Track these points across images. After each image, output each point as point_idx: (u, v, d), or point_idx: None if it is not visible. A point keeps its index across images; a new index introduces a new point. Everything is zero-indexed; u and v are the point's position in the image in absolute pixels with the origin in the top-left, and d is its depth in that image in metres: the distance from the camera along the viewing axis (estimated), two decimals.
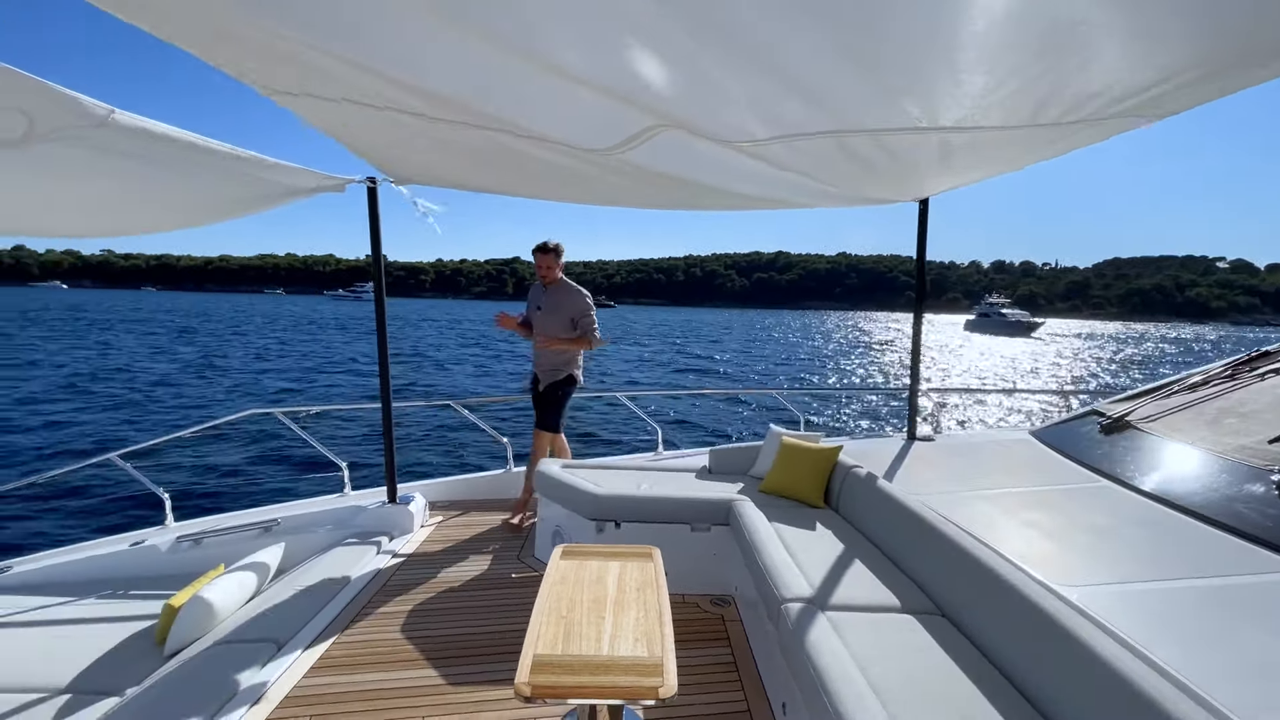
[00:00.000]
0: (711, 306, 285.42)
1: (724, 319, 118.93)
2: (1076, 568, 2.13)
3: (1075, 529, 2.42)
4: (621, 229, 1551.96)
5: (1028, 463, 3.21)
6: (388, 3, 1.37)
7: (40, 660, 2.56)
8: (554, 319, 4.06)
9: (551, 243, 4.05)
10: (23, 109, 1.66)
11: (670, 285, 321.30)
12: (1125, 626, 1.70)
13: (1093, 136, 2.06)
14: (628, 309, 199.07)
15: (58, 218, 2.53)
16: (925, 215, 3.69)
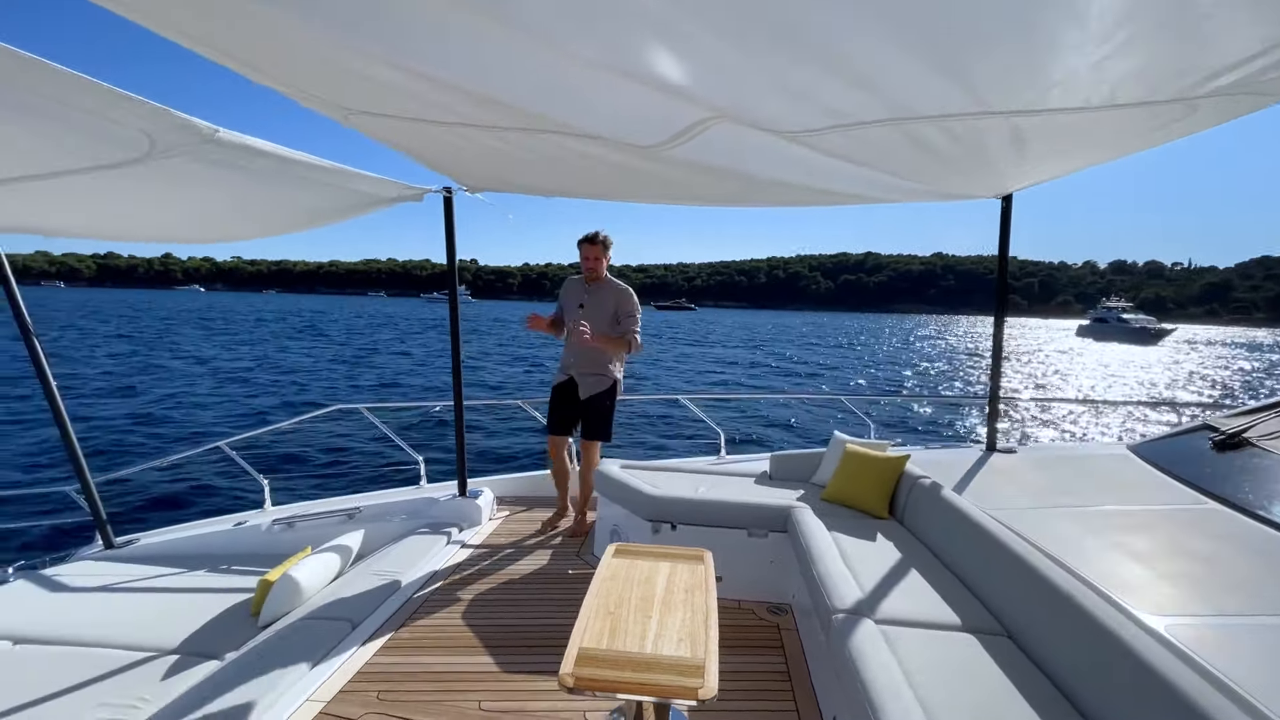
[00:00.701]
0: (794, 309, 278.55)
1: (807, 322, 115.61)
2: (1170, 596, 1.94)
3: (1173, 553, 2.20)
4: (702, 230, 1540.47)
5: (1123, 480, 2.94)
6: (447, 15, 1.42)
7: (156, 623, 2.88)
8: (598, 317, 3.75)
9: (601, 234, 3.77)
10: (146, 130, 1.89)
11: (752, 288, 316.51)
12: (1220, 662, 1.53)
13: (1195, 123, 1.86)
14: (708, 311, 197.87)
15: (173, 226, 2.88)
16: (1008, 213, 3.45)
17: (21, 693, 2.36)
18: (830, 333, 75.88)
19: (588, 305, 3.79)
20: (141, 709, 2.28)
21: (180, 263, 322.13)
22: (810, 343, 54.19)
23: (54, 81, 1.45)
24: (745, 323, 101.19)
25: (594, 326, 3.65)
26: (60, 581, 3.26)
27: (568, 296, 3.91)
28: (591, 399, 3.82)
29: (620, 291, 3.82)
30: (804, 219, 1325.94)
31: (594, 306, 3.79)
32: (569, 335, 3.81)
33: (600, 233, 3.77)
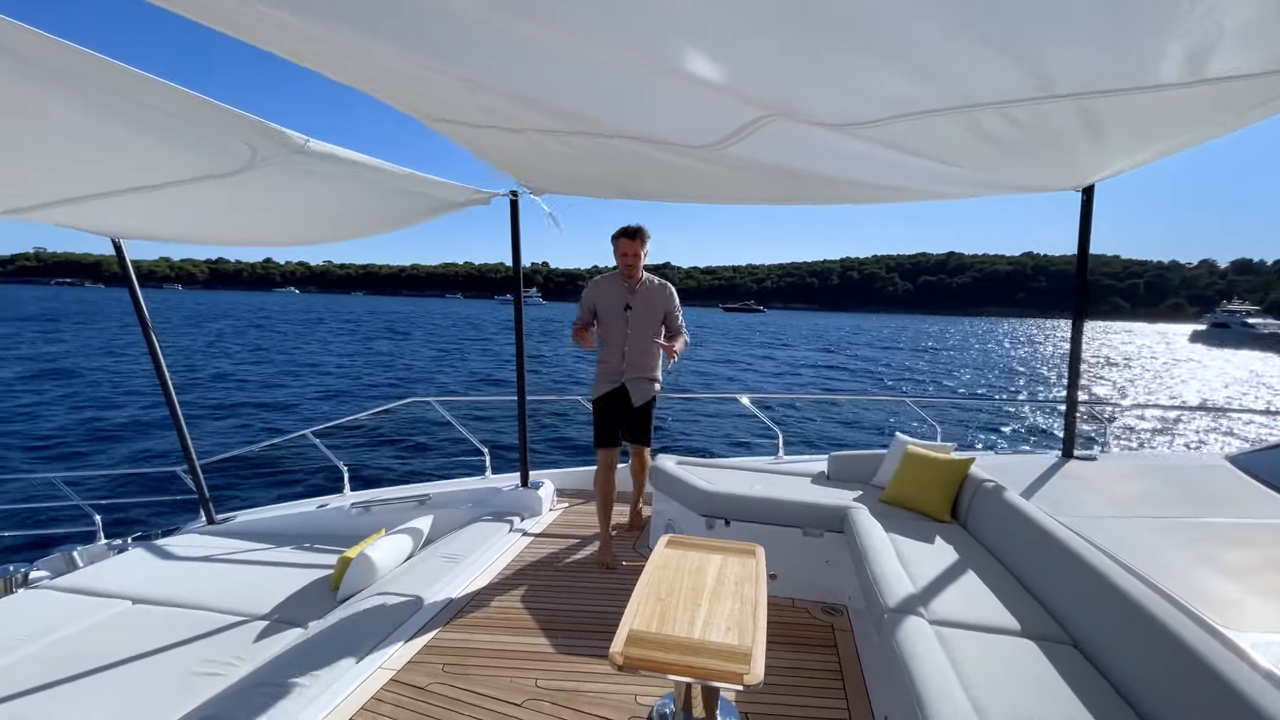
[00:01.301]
0: (869, 311, 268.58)
1: (883, 325, 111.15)
2: (1261, 612, 1.80)
3: (1269, 569, 2.03)
4: (771, 231, 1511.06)
5: (1218, 492, 2.72)
6: (503, 24, 1.49)
7: (248, 592, 3.18)
8: (649, 320, 3.52)
9: (642, 227, 3.48)
10: (248, 142, 2.10)
11: (824, 289, 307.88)
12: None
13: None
14: (777, 314, 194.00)
15: (267, 231, 3.18)
16: (1089, 206, 3.26)
17: (140, 644, 2.68)
18: (911, 336, 72.47)
19: (636, 307, 3.50)
20: (238, 667, 2.53)
21: (279, 266, 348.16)
22: (887, 346, 52.14)
23: (168, 96, 1.63)
24: (817, 325, 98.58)
25: (645, 330, 3.49)
26: (170, 551, 3.66)
27: (605, 299, 3.55)
28: (644, 405, 3.62)
29: (665, 289, 3.60)
30: (880, 218, 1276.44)
31: (642, 308, 3.51)
32: (609, 341, 3.54)
33: (642, 226, 3.49)
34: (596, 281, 3.62)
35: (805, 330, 77.68)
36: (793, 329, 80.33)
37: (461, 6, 1.38)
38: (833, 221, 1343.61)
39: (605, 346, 3.58)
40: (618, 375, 3.55)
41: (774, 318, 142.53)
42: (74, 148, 1.95)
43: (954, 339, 71.17)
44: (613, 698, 2.37)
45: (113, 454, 11.13)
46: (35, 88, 1.50)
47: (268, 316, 64.59)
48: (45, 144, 1.90)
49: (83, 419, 13.85)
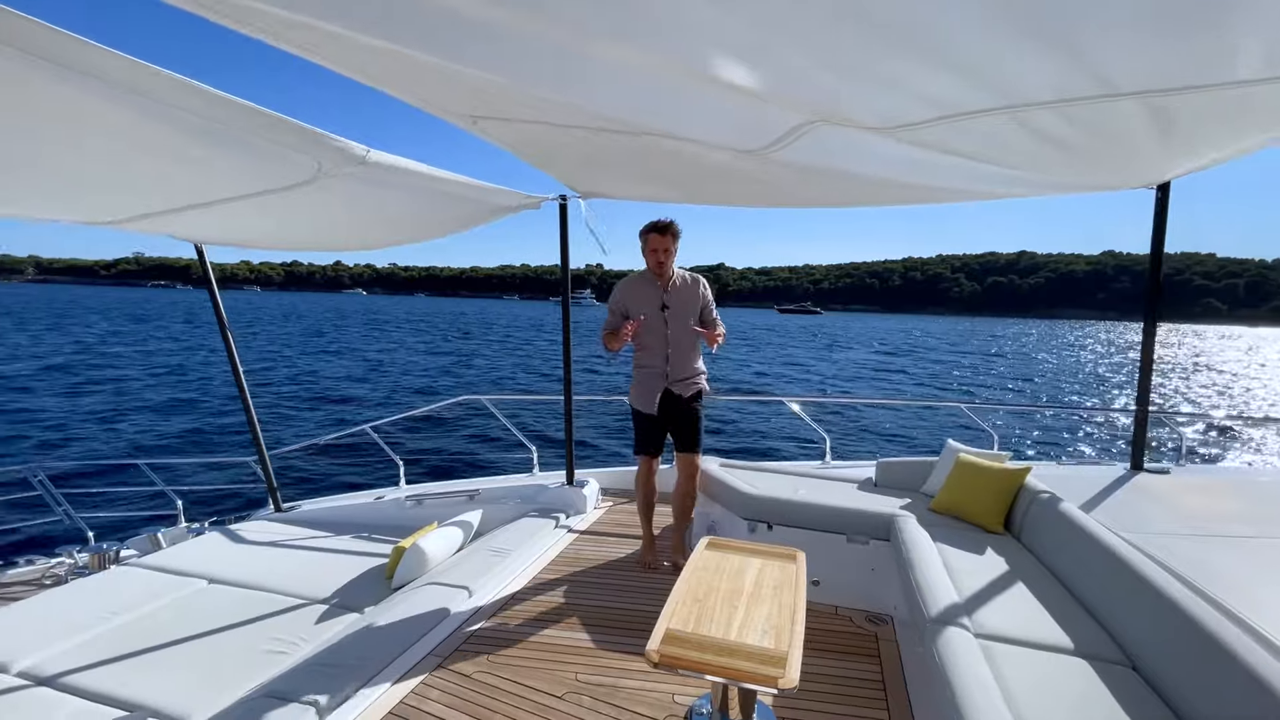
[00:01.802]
0: (932, 314, 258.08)
1: (949, 328, 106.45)
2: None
3: None
4: (829, 231, 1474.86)
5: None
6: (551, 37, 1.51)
7: (311, 577, 3.38)
8: (687, 318, 3.35)
9: (674, 222, 3.29)
10: (315, 156, 2.25)
11: (885, 291, 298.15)
12: None
13: None
14: (835, 316, 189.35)
15: (332, 237, 3.39)
16: (1165, 204, 3.07)
17: (213, 621, 2.90)
18: (981, 340, 68.89)
19: (673, 306, 3.32)
20: (300, 646, 2.70)
21: (348, 269, 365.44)
22: (959, 350, 49.97)
23: (241, 114, 1.78)
24: (877, 327, 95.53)
25: (684, 329, 3.33)
26: (241, 535, 3.93)
27: (637, 300, 3.35)
28: (691, 407, 3.42)
29: (698, 284, 3.43)
30: (946, 216, 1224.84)
31: (680, 307, 3.34)
32: (648, 344, 3.37)
33: (671, 221, 3.29)
34: (625, 282, 3.45)
35: (864, 332, 75.46)
36: (850, 331, 78.20)
37: (519, 24, 1.44)
38: (894, 221, 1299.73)
39: (643, 351, 3.40)
40: (661, 380, 3.39)
41: (831, 320, 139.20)
42: (162, 165, 2.15)
43: (1028, 342, 67.43)
44: (651, 695, 2.40)
45: (200, 443, 12.04)
46: (129, 113, 1.67)
47: (343, 316, 68.08)
48: (139, 163, 2.10)
49: (174, 410, 15.04)
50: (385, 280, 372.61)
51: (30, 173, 2.10)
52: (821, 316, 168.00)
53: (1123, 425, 14.82)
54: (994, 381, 29.74)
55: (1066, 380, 32.37)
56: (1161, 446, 8.07)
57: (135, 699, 2.33)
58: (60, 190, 2.35)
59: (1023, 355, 49.06)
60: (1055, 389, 28.28)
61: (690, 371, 3.43)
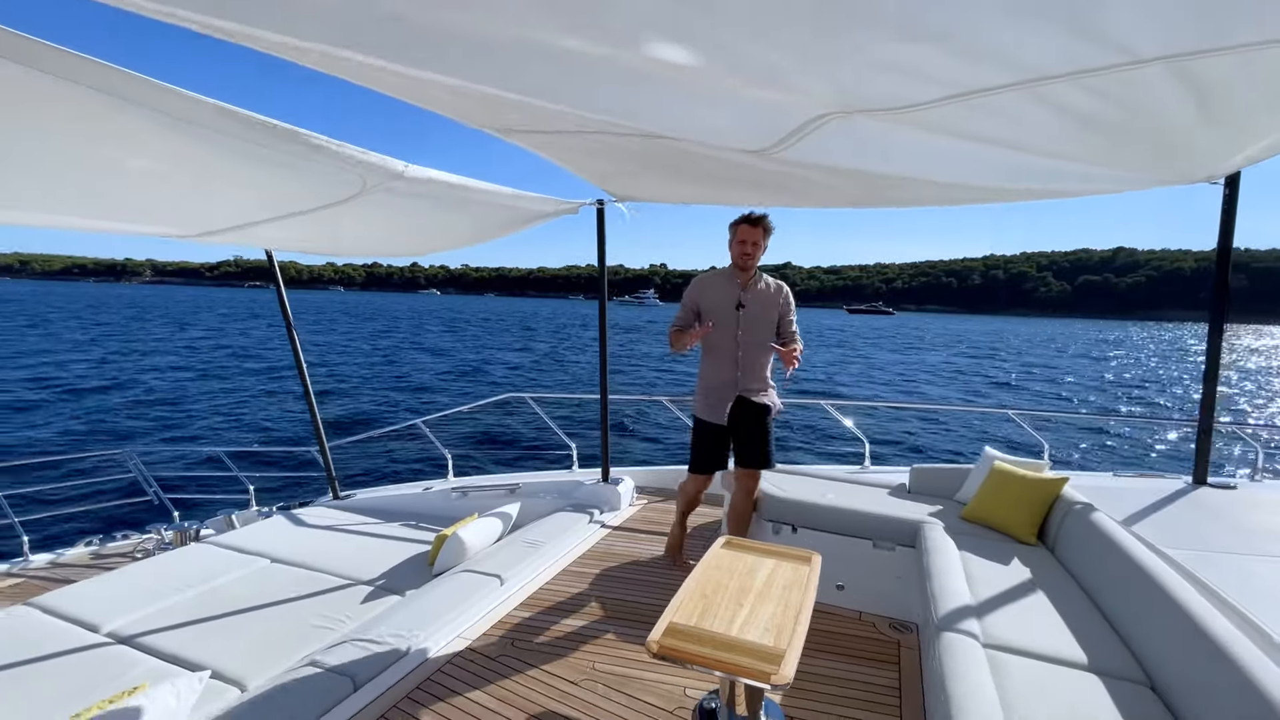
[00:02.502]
0: (1016, 315, 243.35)
1: (1037, 330, 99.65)
2: None
3: None
4: (904, 227, 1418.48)
5: None
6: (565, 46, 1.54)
7: (359, 560, 3.63)
8: (764, 322, 3.10)
9: (769, 218, 3.05)
10: (359, 172, 2.46)
11: (963, 290, 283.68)
12: None
13: None
14: (909, 316, 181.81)
15: (382, 244, 3.64)
16: (1233, 199, 2.86)
17: (272, 596, 3.18)
18: (1080, 344, 63.91)
19: (749, 307, 3.06)
20: (346, 624, 2.92)
21: (424, 270, 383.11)
22: (1053, 353, 46.88)
23: (300, 142, 1.99)
24: (954, 329, 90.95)
25: (759, 334, 3.08)
26: (302, 520, 4.27)
27: (711, 297, 3.13)
28: (762, 421, 3.13)
29: (782, 291, 3.15)
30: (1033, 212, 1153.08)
31: (757, 310, 3.07)
32: (717, 345, 3.12)
33: (765, 214, 3.05)
34: (702, 278, 3.21)
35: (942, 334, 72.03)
36: (926, 332, 74.82)
37: (545, 38, 1.52)
38: (975, 217, 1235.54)
39: (711, 353, 3.14)
40: (730, 386, 3.10)
41: (904, 320, 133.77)
42: (233, 190, 2.43)
43: (1140, 346, 62.19)
44: (662, 687, 2.47)
45: (278, 434, 13.07)
46: (206, 148, 1.93)
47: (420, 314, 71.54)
48: (215, 188, 2.39)
49: (261, 402, 16.33)
50: (457, 280, 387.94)
51: (135, 197, 2.42)
52: (894, 317, 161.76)
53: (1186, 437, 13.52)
54: (1103, 387, 27.68)
55: (1178, 386, 29.80)
56: (1234, 460, 7.40)
57: (199, 661, 2.59)
58: (158, 212, 2.68)
59: (1137, 357, 45.28)
60: (1176, 397, 26.03)
61: (762, 381, 3.14)
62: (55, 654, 2.66)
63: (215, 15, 1.21)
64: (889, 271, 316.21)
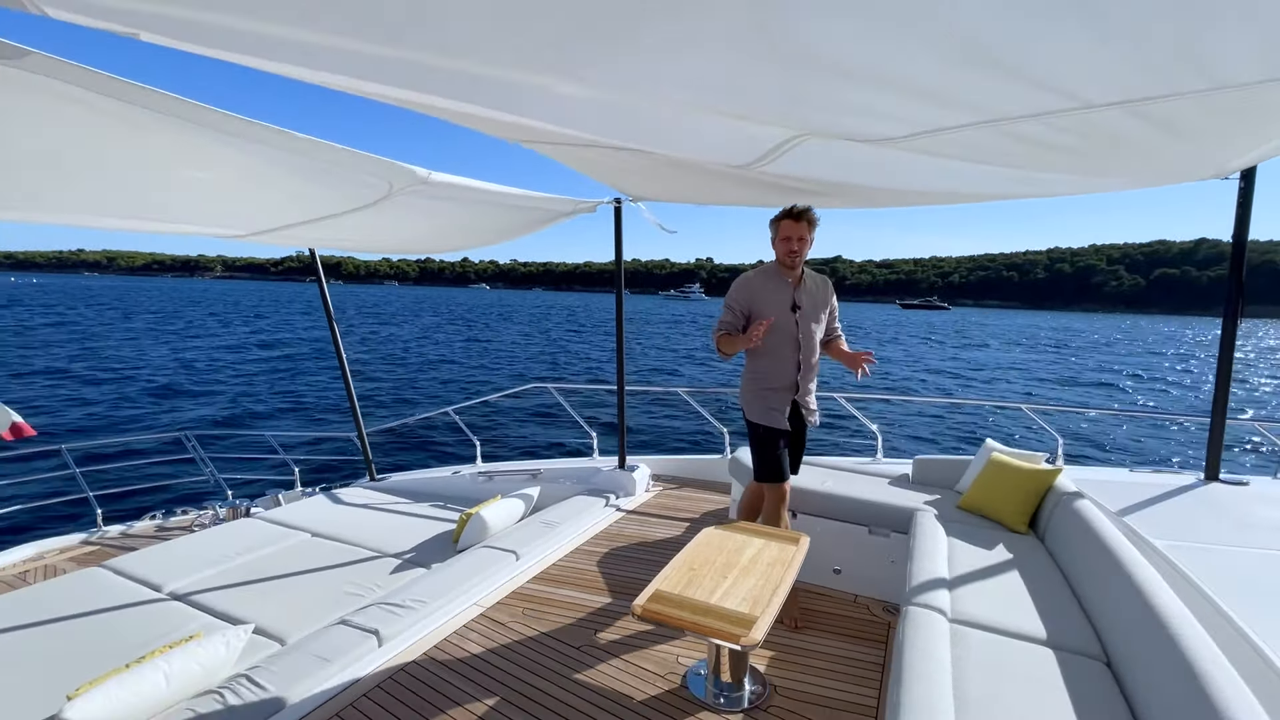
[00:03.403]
0: (1083, 310, 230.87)
1: (1112, 326, 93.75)
2: None
3: None
4: (961, 218, 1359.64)
5: None
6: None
7: (391, 536, 3.94)
8: (813, 320, 2.92)
9: (812, 210, 2.83)
10: (385, 179, 2.72)
11: (1024, 284, 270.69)
12: None
13: None
14: (966, 311, 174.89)
15: (410, 242, 3.93)
16: (1248, 194, 2.82)
17: (310, 565, 3.51)
18: (1186, 344, 59.49)
19: (805, 308, 2.88)
20: (375, 592, 3.21)
21: (474, 265, 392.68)
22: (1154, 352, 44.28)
23: (325, 150, 2.25)
24: (1016, 325, 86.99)
25: (816, 335, 2.93)
26: (342, 499, 4.65)
27: (764, 299, 2.90)
28: (804, 428, 3.03)
29: (827, 286, 3.02)
30: (1101, 202, 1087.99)
31: (811, 309, 2.90)
32: (776, 350, 2.91)
33: (808, 207, 2.83)
34: (748, 278, 2.98)
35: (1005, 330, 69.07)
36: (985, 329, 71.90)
37: (548, 83, 1.71)
38: (1038, 208, 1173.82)
39: (769, 357, 2.91)
40: (790, 390, 2.91)
41: (961, 316, 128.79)
42: (274, 195, 2.73)
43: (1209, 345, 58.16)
44: (657, 655, 2.66)
45: (321, 418, 13.88)
46: (250, 159, 2.22)
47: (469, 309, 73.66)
48: (262, 194, 2.69)
49: (304, 391, 17.35)
50: (506, 275, 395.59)
51: (199, 204, 2.76)
52: (950, 312, 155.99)
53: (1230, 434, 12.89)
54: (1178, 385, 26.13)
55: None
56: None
57: (246, 618, 2.91)
58: (217, 215, 3.02)
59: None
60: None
61: (813, 387, 3.00)
62: (125, 606, 3.04)
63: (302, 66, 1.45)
64: (945, 265, 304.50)
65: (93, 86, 1.56)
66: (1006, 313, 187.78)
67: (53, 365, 20.34)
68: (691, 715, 2.28)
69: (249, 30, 1.19)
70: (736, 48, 1.39)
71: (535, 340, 36.99)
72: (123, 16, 1.11)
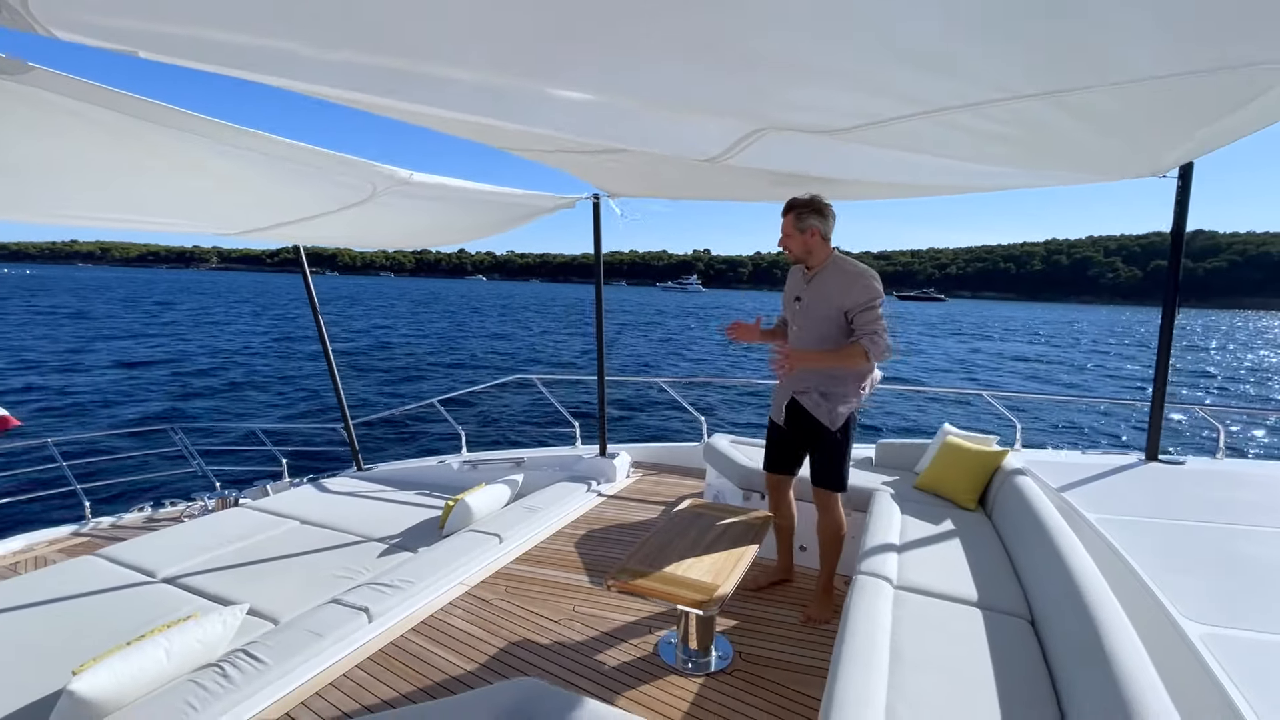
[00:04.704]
0: (1079, 302, 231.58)
1: (1111, 318, 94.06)
2: (1251, 612, 1.86)
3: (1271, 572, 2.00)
4: (959, 210, 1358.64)
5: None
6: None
7: (379, 523, 4.07)
8: (817, 316, 2.72)
9: (804, 196, 2.71)
10: (369, 181, 2.86)
11: (1021, 276, 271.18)
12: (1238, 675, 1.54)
13: None
14: (963, 303, 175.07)
15: (395, 238, 4.07)
16: (1186, 191, 2.99)
17: (302, 550, 3.65)
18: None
19: (807, 300, 2.76)
20: (363, 574, 3.33)
21: (470, 256, 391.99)
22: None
23: (311, 154, 2.38)
24: (1011, 317, 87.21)
25: (811, 330, 2.73)
26: (329, 488, 4.80)
27: (788, 291, 2.89)
28: (819, 430, 2.76)
29: (849, 276, 2.66)
30: (1100, 194, 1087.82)
31: (813, 303, 2.73)
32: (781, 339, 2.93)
33: (806, 199, 2.71)
34: (792, 269, 2.93)
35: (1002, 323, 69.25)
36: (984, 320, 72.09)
37: (519, 85, 1.83)
38: (1036, 199, 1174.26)
39: None
40: (784, 385, 2.87)
41: (958, 308, 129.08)
42: (261, 198, 2.87)
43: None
44: (632, 626, 2.84)
45: (308, 410, 14.04)
46: (237, 165, 2.35)
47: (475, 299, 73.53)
48: (249, 197, 2.83)
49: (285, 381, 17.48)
50: (502, 266, 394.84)
51: (186, 202, 2.88)
52: (947, 304, 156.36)
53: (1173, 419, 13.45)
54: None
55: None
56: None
57: (240, 600, 3.00)
58: (204, 214, 3.14)
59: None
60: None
61: (817, 383, 2.74)
62: (120, 588, 3.14)
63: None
64: (942, 256, 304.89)
65: (89, 99, 1.68)
66: (1004, 304, 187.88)
67: (35, 358, 20.42)
68: (662, 679, 2.45)
69: (242, 45, 1.32)
70: (689, 49, 1.53)
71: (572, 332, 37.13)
72: (123, 36, 1.24)
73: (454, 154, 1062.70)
